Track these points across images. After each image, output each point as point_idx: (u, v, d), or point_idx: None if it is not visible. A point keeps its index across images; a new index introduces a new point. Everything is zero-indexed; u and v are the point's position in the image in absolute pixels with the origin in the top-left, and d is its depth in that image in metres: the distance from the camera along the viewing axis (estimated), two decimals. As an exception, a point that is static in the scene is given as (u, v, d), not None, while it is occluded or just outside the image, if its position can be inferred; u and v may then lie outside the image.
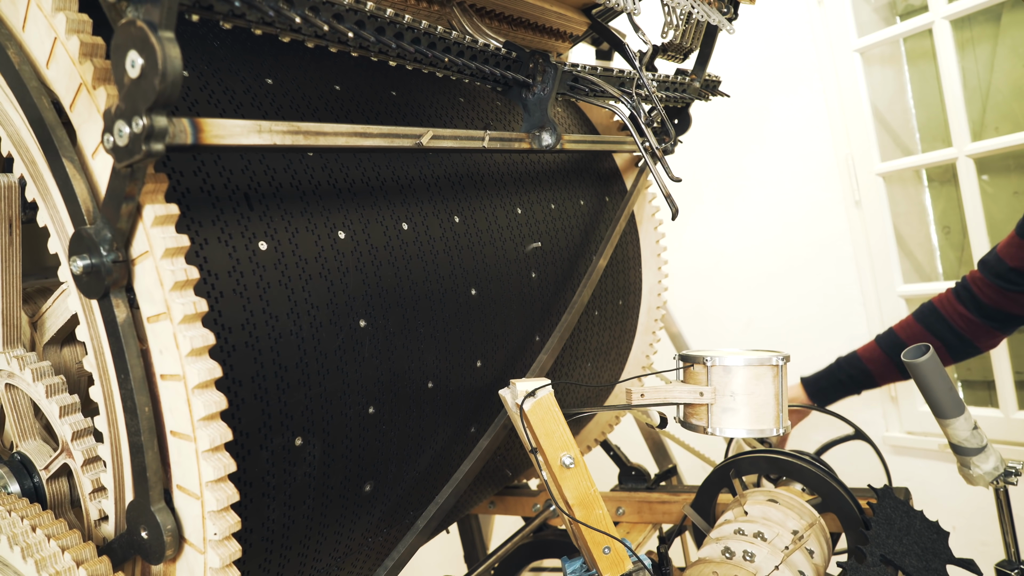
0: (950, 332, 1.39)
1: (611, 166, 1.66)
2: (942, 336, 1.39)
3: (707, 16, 1.36)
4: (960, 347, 1.39)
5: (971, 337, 1.38)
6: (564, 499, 0.89)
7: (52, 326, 0.91)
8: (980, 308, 1.36)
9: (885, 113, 2.48)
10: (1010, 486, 1.22)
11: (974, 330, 1.38)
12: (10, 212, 0.84)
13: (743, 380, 1.10)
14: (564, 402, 1.43)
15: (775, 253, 2.70)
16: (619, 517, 1.67)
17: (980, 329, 1.37)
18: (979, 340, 1.39)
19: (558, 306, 1.36)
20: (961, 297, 1.39)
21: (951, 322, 1.39)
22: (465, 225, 1.16)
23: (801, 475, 1.24)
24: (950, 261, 2.46)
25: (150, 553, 0.73)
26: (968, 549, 2.07)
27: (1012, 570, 1.18)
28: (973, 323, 1.37)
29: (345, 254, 0.94)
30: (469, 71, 1.02)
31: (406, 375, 1.02)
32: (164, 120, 0.60)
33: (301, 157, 0.93)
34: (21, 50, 0.75)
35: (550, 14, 1.42)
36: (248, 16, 0.72)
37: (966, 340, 1.38)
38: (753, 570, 1.01)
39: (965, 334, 1.38)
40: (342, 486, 0.95)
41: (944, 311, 1.41)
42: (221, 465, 0.71)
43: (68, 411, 0.83)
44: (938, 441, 2.33)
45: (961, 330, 1.38)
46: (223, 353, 0.78)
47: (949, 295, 1.42)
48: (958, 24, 2.23)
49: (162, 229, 0.69)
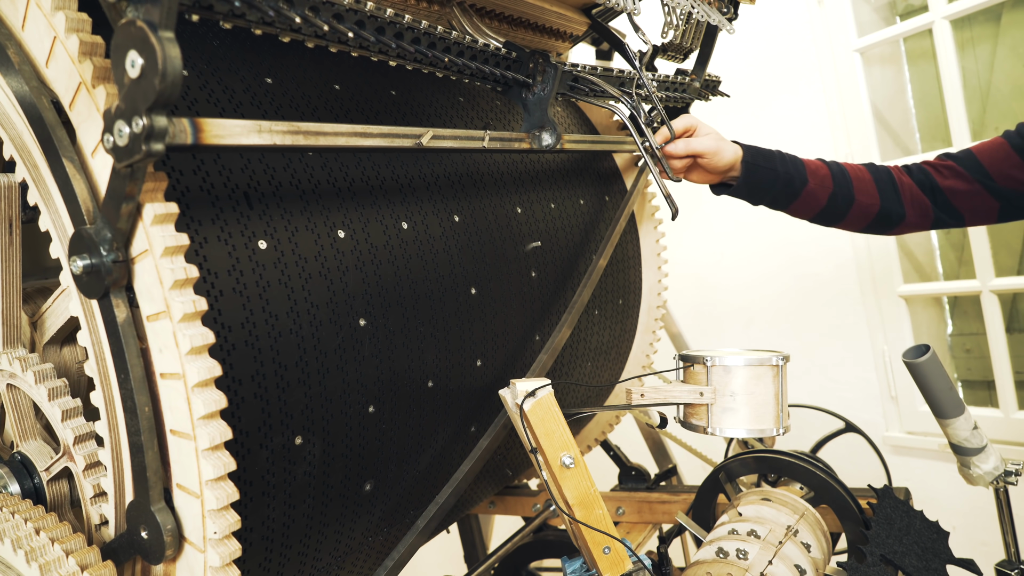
0: (891, 186, 1.32)
1: (611, 166, 1.66)
2: (880, 182, 1.31)
3: (707, 16, 1.36)
4: (891, 204, 1.31)
5: (906, 204, 1.31)
6: (564, 499, 0.89)
7: (52, 326, 0.91)
8: (932, 187, 1.31)
9: (885, 113, 2.48)
10: (1010, 486, 1.22)
11: (912, 202, 1.32)
12: (10, 212, 0.84)
13: (743, 380, 1.10)
14: (564, 402, 1.43)
15: (775, 253, 2.70)
16: (619, 517, 1.67)
17: (918, 206, 1.31)
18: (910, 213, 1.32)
19: (558, 305, 1.36)
20: (912, 173, 1.34)
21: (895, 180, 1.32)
22: (465, 224, 1.16)
23: (792, 471, 1.24)
24: (950, 261, 2.46)
25: (150, 553, 0.73)
26: (968, 549, 2.08)
27: (1012, 570, 1.17)
28: (916, 196, 1.32)
29: (345, 253, 0.94)
30: (469, 71, 1.02)
31: (406, 374, 1.02)
32: (164, 120, 0.61)
33: (301, 156, 0.93)
34: (21, 49, 0.75)
35: (550, 14, 1.42)
36: (248, 16, 0.72)
37: (900, 203, 1.31)
38: (746, 567, 1.01)
39: (903, 197, 1.32)
40: (342, 485, 0.95)
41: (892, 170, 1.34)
42: (221, 464, 0.71)
43: (70, 415, 0.83)
44: (938, 441, 2.33)
45: (901, 191, 1.32)
46: (223, 352, 0.78)
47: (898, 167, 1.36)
48: (958, 24, 2.23)
49: (162, 228, 0.69)
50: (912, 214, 1.33)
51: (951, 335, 2.47)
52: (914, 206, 1.33)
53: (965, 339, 2.43)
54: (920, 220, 1.34)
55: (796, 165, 1.32)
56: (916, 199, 1.32)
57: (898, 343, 2.40)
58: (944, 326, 2.49)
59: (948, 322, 2.48)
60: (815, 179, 1.31)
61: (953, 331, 2.47)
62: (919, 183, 1.33)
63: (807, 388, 2.56)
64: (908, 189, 1.32)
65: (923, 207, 1.32)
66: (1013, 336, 2.23)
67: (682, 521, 1.28)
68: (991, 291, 2.18)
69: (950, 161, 1.32)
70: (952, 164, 1.31)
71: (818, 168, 1.33)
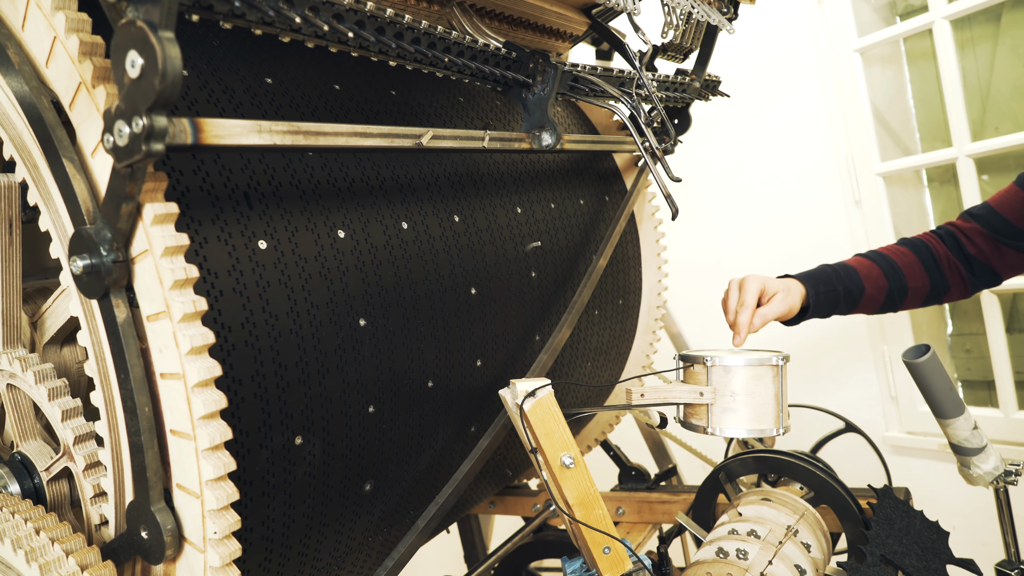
0: (932, 261, 1.35)
1: (611, 166, 1.66)
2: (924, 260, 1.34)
3: (707, 16, 1.36)
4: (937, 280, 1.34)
5: (947, 275, 1.34)
6: (564, 499, 0.89)
7: (52, 326, 0.91)
8: (964, 256, 1.34)
9: (885, 113, 2.48)
10: (1010, 486, 1.22)
11: (951, 270, 1.34)
12: (10, 212, 0.84)
13: (743, 380, 1.10)
14: (564, 402, 1.43)
15: (775, 253, 2.70)
16: (619, 517, 1.67)
17: (956, 273, 1.34)
18: (953, 282, 1.34)
19: (558, 305, 1.36)
20: (945, 240, 1.36)
21: (935, 253, 1.35)
22: (465, 224, 1.16)
23: (792, 471, 1.24)
24: (950, 261, 2.46)
25: (150, 553, 0.73)
26: (968, 549, 2.08)
27: (1012, 570, 1.17)
28: (953, 263, 1.34)
29: (345, 253, 0.94)
30: (469, 71, 1.02)
31: (406, 374, 1.02)
32: (164, 120, 0.60)
33: (301, 156, 0.93)
34: (21, 49, 0.75)
35: (550, 14, 1.42)
36: (248, 16, 0.72)
37: (944, 276, 1.35)
38: (746, 567, 1.01)
39: (944, 269, 1.34)
40: (342, 485, 0.95)
41: (929, 242, 1.37)
42: (221, 464, 0.71)
43: (70, 415, 0.83)
44: (938, 441, 2.33)
45: (941, 263, 1.34)
46: (223, 352, 0.78)
47: (931, 235, 1.38)
48: (958, 24, 2.23)
49: (162, 228, 0.69)
50: (953, 283, 1.36)
51: (951, 335, 2.47)
52: (952, 274, 1.36)
53: (965, 339, 2.43)
54: (960, 288, 1.37)
55: (851, 277, 1.35)
56: (953, 267, 1.36)
57: (898, 343, 2.40)
58: (944, 326, 2.49)
59: (948, 322, 2.48)
60: (869, 283, 1.35)
61: (953, 331, 2.47)
62: (952, 250, 1.36)
63: (807, 388, 2.56)
64: (945, 259, 1.35)
65: (960, 275, 1.36)
66: (1013, 336, 2.23)
67: (682, 521, 1.28)
68: (991, 291, 2.18)
69: (973, 223, 1.34)
70: (977, 227, 1.34)
71: (870, 270, 1.36)
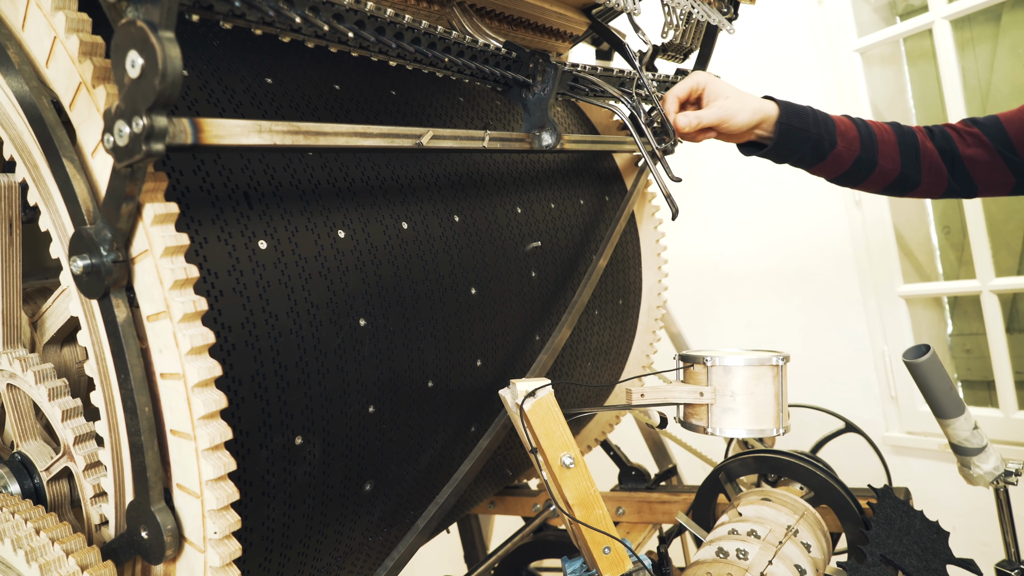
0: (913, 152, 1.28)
1: (611, 166, 1.66)
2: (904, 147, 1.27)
3: (707, 16, 1.36)
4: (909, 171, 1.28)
5: (923, 171, 1.27)
6: (564, 499, 0.89)
7: (52, 326, 0.91)
8: (952, 155, 1.27)
9: (885, 113, 2.48)
10: (1010, 486, 1.22)
11: (929, 169, 1.27)
12: (10, 212, 0.84)
13: (743, 380, 1.10)
14: (564, 402, 1.43)
15: (775, 253, 2.70)
16: (619, 517, 1.67)
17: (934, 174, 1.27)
18: (925, 181, 1.28)
19: (558, 305, 1.36)
20: (935, 137, 1.29)
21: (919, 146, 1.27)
22: (465, 224, 1.16)
23: (792, 471, 1.24)
24: (950, 261, 2.46)
25: (150, 553, 0.73)
26: (968, 549, 2.08)
27: (1012, 570, 1.17)
28: (934, 163, 1.27)
29: (345, 253, 0.94)
30: (469, 71, 1.02)
31: (406, 374, 1.02)
32: (164, 120, 0.61)
33: (301, 156, 0.93)
34: (21, 49, 0.75)
35: (550, 14, 1.42)
36: (248, 16, 0.72)
37: (918, 170, 1.27)
38: (746, 567, 1.01)
39: (921, 165, 1.27)
40: (342, 485, 0.95)
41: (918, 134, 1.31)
42: (221, 464, 0.71)
43: (70, 415, 0.83)
44: (938, 441, 2.33)
45: (921, 157, 1.27)
46: (223, 352, 0.78)
47: (921, 129, 1.31)
48: (958, 24, 2.23)
49: (162, 228, 0.69)
50: (927, 181, 1.29)
51: (951, 335, 2.48)
52: (931, 173, 1.28)
53: (965, 339, 2.43)
54: (932, 187, 1.30)
55: (827, 126, 1.26)
56: (934, 166, 1.28)
57: (898, 343, 2.40)
58: (944, 326, 2.49)
59: (948, 322, 2.48)
60: (843, 141, 1.26)
61: (953, 331, 2.47)
62: (940, 149, 1.29)
63: (807, 388, 2.56)
64: (929, 156, 1.28)
65: (939, 175, 1.28)
66: (1013, 336, 2.23)
67: (682, 521, 1.28)
68: (991, 291, 2.18)
69: (975, 128, 1.27)
70: (977, 132, 1.27)
71: (847, 129, 1.28)
